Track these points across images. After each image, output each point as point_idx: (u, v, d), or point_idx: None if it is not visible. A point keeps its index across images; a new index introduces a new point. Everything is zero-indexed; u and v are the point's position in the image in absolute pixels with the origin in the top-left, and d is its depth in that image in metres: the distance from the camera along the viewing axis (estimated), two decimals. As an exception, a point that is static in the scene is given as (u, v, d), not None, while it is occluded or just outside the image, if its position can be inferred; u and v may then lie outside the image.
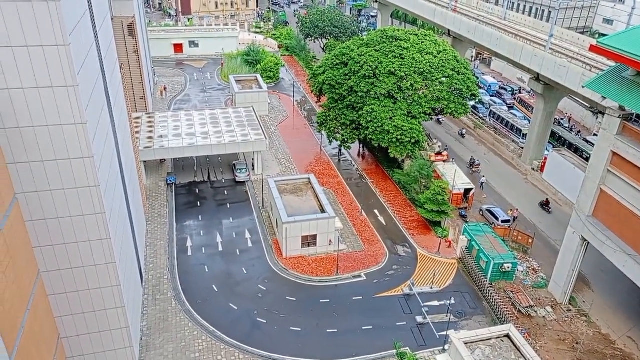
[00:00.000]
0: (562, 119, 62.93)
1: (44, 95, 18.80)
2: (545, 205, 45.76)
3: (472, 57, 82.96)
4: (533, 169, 51.06)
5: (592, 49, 30.71)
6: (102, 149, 23.47)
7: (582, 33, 68.67)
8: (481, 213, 44.43)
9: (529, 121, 55.60)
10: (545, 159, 49.63)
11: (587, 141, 53.53)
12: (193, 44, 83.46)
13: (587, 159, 41.78)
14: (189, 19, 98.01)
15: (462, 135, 59.36)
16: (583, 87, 34.66)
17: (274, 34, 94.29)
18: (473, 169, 51.76)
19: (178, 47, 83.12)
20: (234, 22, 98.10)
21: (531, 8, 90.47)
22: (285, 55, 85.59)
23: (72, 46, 18.85)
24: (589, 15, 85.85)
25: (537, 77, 48.08)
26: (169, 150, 46.01)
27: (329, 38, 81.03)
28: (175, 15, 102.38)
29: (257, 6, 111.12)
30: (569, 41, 50.16)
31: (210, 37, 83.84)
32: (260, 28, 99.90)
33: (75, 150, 20.11)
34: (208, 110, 55.03)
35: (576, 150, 50.46)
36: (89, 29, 23.59)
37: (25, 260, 19.56)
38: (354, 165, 52.54)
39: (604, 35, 62.95)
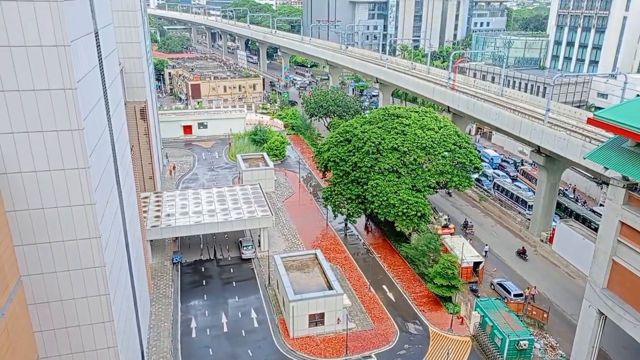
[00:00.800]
0: (566, 190, 63.10)
1: (55, 177, 19.32)
2: (521, 254, 47.50)
3: (469, 130, 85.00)
4: (542, 241, 50.42)
5: (590, 121, 31.55)
6: (109, 229, 23.62)
7: (578, 107, 70.77)
8: (492, 287, 43.29)
9: (534, 192, 55.77)
10: (554, 230, 49.17)
11: (593, 211, 53.27)
12: (202, 125, 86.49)
13: (595, 230, 41.34)
14: (198, 102, 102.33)
15: (449, 194, 60.62)
16: (584, 158, 35.09)
17: (280, 114, 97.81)
18: (467, 231, 52.72)
19: (187, 129, 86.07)
20: (241, 104, 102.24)
21: (526, 84, 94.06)
22: (290, 134, 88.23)
23: (86, 130, 19.65)
24: (583, 90, 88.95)
25: (538, 150, 48.90)
26: (176, 229, 46.12)
27: (333, 117, 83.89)
28: (186, 99, 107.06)
29: (264, 89, 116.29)
30: (566, 114, 51.62)
31: (218, 119, 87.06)
32: (266, 109, 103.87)
33: (82, 231, 20.27)
34: (215, 188, 55.85)
35: (584, 221, 50.09)
36: (102, 114, 24.68)
37: (25, 346, 19.02)
38: (360, 240, 52.17)
39: (599, 108, 64.81)
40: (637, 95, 57.47)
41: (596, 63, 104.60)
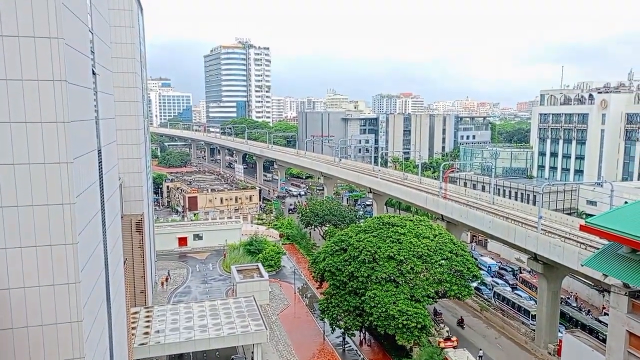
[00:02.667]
0: (568, 298, 61.57)
1: (43, 293, 18.79)
2: (460, 322, 52.59)
3: (465, 238, 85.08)
4: (550, 354, 47.97)
5: (583, 228, 31.91)
6: (94, 348, 22.41)
7: (569, 214, 71.85)
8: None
9: (535, 301, 54.32)
10: (561, 341, 47.02)
11: (599, 321, 51.49)
12: (197, 237, 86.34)
13: (603, 340, 39.61)
14: (194, 214, 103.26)
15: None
16: (582, 265, 34.87)
17: (276, 224, 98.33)
18: (463, 325, 54.01)
19: (182, 241, 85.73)
20: (237, 215, 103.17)
21: (516, 193, 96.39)
22: (286, 243, 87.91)
23: (80, 245, 19.57)
24: (572, 198, 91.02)
25: (535, 257, 48.65)
26: (165, 347, 43.70)
27: (328, 226, 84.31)
28: (182, 211, 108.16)
29: (260, 200, 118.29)
30: (558, 222, 52.23)
31: (214, 230, 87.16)
32: (262, 219, 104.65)
33: (67, 351, 19.20)
34: (208, 301, 54.08)
35: (590, 331, 48.18)
36: (98, 228, 24.76)
37: None
38: (360, 355, 49.41)
39: (589, 215, 65.78)
40: (625, 202, 58.75)
41: (581, 172, 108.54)
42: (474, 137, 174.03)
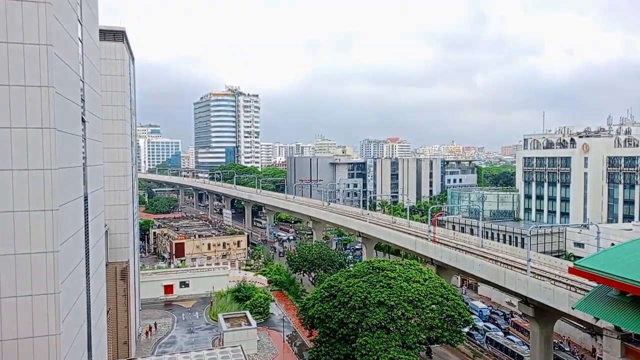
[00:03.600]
0: (561, 343, 60.69)
1: (22, 346, 18.10)
2: None
3: (453, 281, 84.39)
4: (546, 401, 46.75)
5: (572, 270, 31.94)
6: (73, 404, 21.40)
7: (557, 256, 72.02)
8: None
9: (529, 346, 53.42)
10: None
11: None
12: (184, 284, 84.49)
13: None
14: (181, 261, 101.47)
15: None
16: (573, 308, 34.65)
17: (264, 270, 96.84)
18: None
19: (168, 288, 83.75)
20: (225, 261, 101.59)
21: (504, 235, 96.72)
22: (274, 290, 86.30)
23: (62, 294, 19.07)
24: (559, 240, 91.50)
25: (526, 301, 48.27)
26: (148, 401, 41.81)
27: (318, 270, 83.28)
28: (169, 258, 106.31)
29: (248, 245, 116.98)
30: (547, 264, 52.25)
31: (201, 277, 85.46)
32: (250, 265, 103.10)
33: (43, 408, 18.32)
34: (194, 352, 52.15)
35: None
36: (82, 277, 24.21)
37: None
38: (351, 408, 47.59)
39: (578, 257, 66.00)
40: (612, 244, 59.18)
41: (567, 214, 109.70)
42: (460, 180, 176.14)
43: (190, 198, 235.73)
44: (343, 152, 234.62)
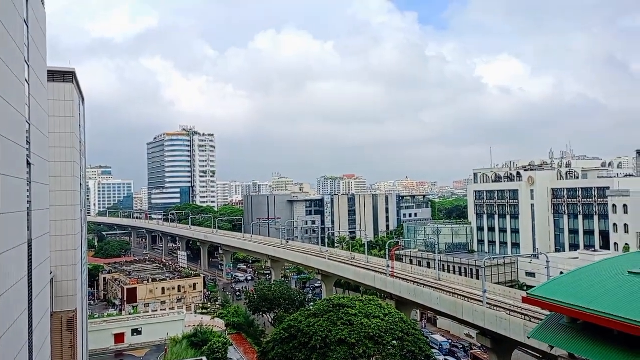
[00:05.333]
0: (521, 372, 61.50)
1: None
2: None
3: (413, 315, 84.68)
4: None
5: (525, 300, 32.80)
6: None
7: (511, 286, 73.92)
8: None
9: (489, 378, 53.80)
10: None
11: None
12: (136, 331, 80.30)
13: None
14: (133, 307, 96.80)
15: None
16: (528, 337, 35.40)
17: (222, 313, 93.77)
18: None
19: (119, 337, 79.29)
20: (180, 305, 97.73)
21: (460, 268, 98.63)
22: (233, 333, 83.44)
23: (1, 349, 17.72)
24: (512, 270, 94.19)
25: (484, 332, 48.96)
26: None
27: (278, 310, 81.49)
28: (120, 305, 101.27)
29: (205, 288, 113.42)
30: (502, 294, 53.51)
31: (154, 323, 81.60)
32: (207, 308, 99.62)
33: None
34: (147, 405, 49.24)
35: (545, 405, 47.88)
36: (23, 329, 22.64)
37: None
38: None
39: (530, 286, 68.00)
40: (561, 272, 61.52)
41: (518, 245, 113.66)
42: (416, 214, 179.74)
43: (144, 241, 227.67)
44: (301, 190, 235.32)
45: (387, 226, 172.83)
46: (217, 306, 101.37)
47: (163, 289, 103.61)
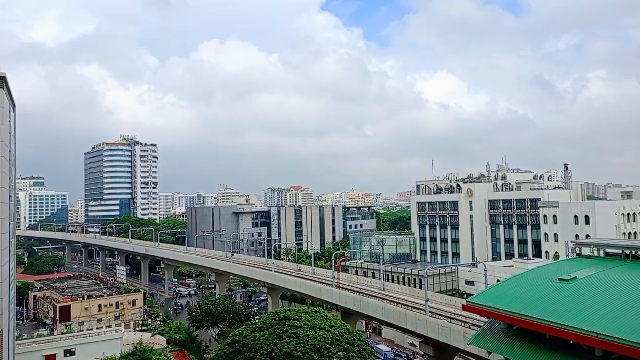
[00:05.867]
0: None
1: None
2: None
3: (359, 326, 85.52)
4: None
5: (465, 308, 34.02)
6: None
7: (452, 295, 76.37)
8: None
9: (432, 386, 55.06)
10: None
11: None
12: (69, 352, 75.58)
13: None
14: (67, 326, 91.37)
15: None
16: (468, 344, 36.66)
17: (163, 329, 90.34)
18: None
19: (50, 359, 74.45)
20: (118, 323, 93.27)
21: (404, 278, 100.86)
22: (174, 350, 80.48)
23: None
24: (453, 280, 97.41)
25: (427, 340, 50.17)
26: None
27: (222, 325, 79.65)
28: (52, 324, 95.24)
29: (145, 304, 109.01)
30: (444, 303, 55.17)
31: (89, 343, 77.19)
32: (147, 325, 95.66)
33: None
34: None
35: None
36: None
37: None
38: None
39: (469, 294, 70.56)
40: (498, 280, 64.30)
41: (458, 254, 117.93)
42: (361, 226, 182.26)
43: (79, 256, 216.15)
44: (247, 201, 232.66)
45: (334, 237, 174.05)
46: (159, 323, 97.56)
47: (100, 306, 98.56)
